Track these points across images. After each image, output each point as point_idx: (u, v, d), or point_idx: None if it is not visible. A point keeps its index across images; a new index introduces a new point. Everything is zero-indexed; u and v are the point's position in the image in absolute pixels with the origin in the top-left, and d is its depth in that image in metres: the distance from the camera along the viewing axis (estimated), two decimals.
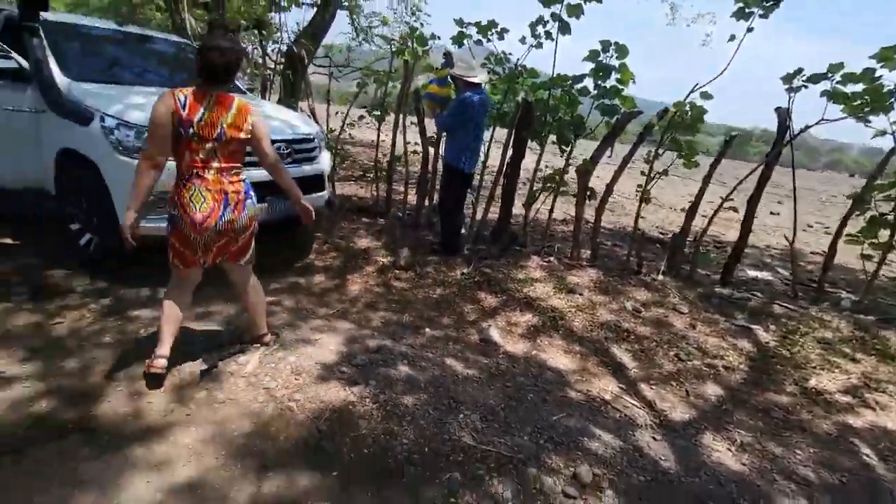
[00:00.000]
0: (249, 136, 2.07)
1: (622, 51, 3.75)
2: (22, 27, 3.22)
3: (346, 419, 2.08)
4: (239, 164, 2.15)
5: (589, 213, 4.58)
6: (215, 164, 2.03)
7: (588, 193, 4.18)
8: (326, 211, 4.98)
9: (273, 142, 3.34)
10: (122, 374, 2.23)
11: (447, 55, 4.19)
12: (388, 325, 3.14)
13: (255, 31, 9.57)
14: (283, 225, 4.18)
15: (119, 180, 2.86)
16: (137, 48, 4.19)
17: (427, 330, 3.12)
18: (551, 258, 4.31)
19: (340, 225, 4.94)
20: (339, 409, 2.14)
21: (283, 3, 5.93)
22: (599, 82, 3.91)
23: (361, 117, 5.13)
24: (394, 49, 4.97)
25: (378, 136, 5.27)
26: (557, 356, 2.94)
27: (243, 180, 2.17)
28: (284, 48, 6.00)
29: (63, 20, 3.93)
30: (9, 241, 3.66)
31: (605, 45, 3.79)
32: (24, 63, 3.20)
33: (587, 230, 4.60)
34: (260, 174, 3.24)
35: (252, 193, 2.21)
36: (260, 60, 6.90)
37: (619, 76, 3.83)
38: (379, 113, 4.98)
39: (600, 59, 3.85)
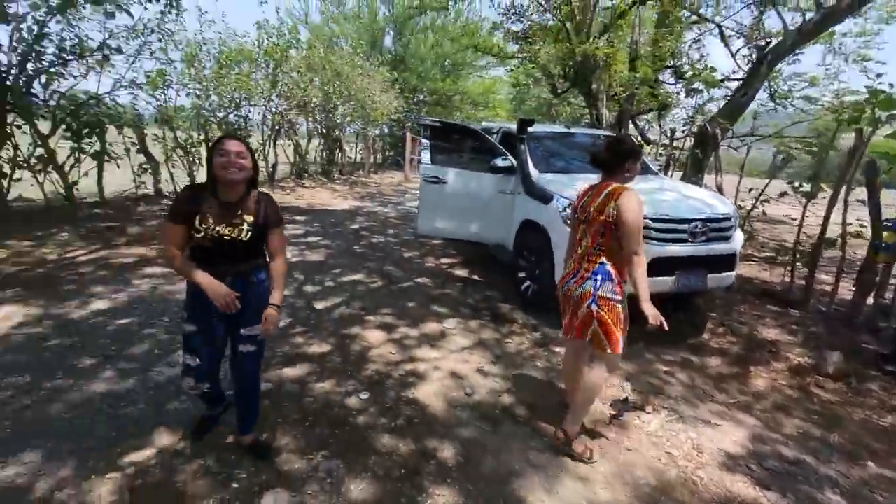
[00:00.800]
0: (611, 219, 2.12)
1: None
2: (517, 138, 4.77)
3: None
4: (602, 245, 2.20)
5: None
6: (584, 242, 2.27)
7: None
8: (723, 293, 4.73)
9: (690, 220, 3.57)
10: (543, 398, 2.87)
11: None
12: (807, 438, 2.66)
13: (659, 114, 10.23)
14: (680, 298, 4.27)
15: (560, 245, 3.75)
16: (581, 143, 5.34)
17: (870, 464, 2.45)
18: None
19: (738, 308, 4.55)
20: None
21: (698, 87, 6.18)
22: None
23: (784, 194, 4.62)
24: (841, 116, 4.26)
25: (803, 213, 4.59)
26: None
27: (601, 263, 2.20)
28: (695, 128, 6.19)
29: (532, 129, 5.53)
30: (476, 277, 5.36)
31: None
32: (513, 161, 4.71)
33: None
34: (674, 249, 3.52)
35: (601, 278, 2.18)
36: (666, 141, 7.35)
37: None
38: (809, 188, 4.35)
39: None
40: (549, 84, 11.77)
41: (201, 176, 8.43)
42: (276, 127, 11.27)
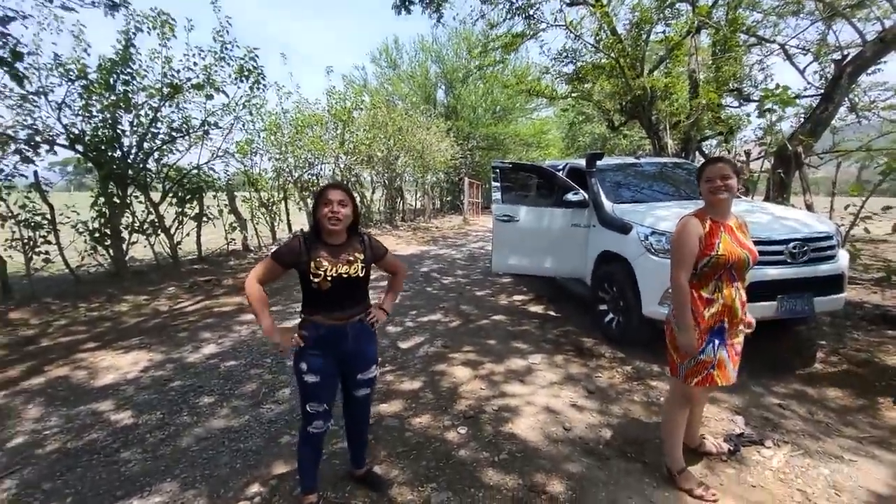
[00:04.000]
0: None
1: None
2: (585, 173, 4.82)
3: None
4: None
5: None
6: None
7: None
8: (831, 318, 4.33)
9: (787, 241, 3.39)
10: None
11: None
12: None
13: (726, 138, 9.89)
14: (783, 323, 3.98)
15: (647, 275, 3.67)
16: (649, 172, 5.29)
17: None
18: None
19: (851, 334, 4.15)
20: None
21: (772, 107, 5.95)
22: None
23: (888, 208, 4.25)
24: None
25: None
26: None
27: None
28: (772, 148, 5.93)
29: (600, 163, 5.55)
30: (552, 312, 5.29)
31: None
32: (585, 195, 4.73)
33: None
34: (772, 272, 3.33)
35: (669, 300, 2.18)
36: (741, 163, 7.07)
37: None
38: None
39: None
40: (604, 119, 11.81)
41: (282, 230, 9.15)
42: (345, 181, 12.08)
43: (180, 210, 7.48)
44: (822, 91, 6.32)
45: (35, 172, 5.86)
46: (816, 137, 5.69)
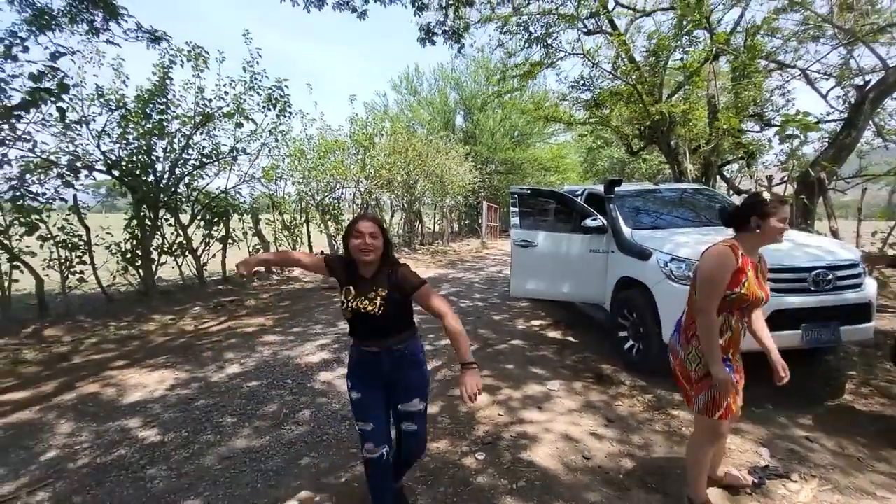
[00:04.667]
0: (694, 273, 2.14)
1: None
2: (604, 198, 4.85)
3: None
4: (692, 298, 2.13)
5: None
6: None
7: None
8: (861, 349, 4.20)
9: (810, 269, 3.35)
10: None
11: None
12: None
13: (748, 163, 9.81)
14: (810, 353, 3.89)
15: (667, 301, 3.64)
16: (668, 199, 5.29)
17: None
18: None
19: (882, 365, 4.01)
20: None
21: (793, 132, 5.92)
22: None
23: None
24: None
25: None
26: None
27: (683, 314, 2.23)
28: (794, 174, 5.87)
29: (619, 189, 5.57)
30: (570, 338, 5.25)
31: None
32: (603, 221, 4.75)
33: None
34: (795, 300, 3.28)
35: (675, 329, 2.23)
36: (763, 189, 6.99)
37: None
38: None
39: None
40: (623, 144, 11.86)
41: (303, 251, 9.26)
42: (364, 205, 12.32)
43: (207, 232, 7.74)
44: (846, 116, 6.27)
45: (74, 196, 6.18)
46: (840, 162, 5.62)
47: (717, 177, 9.35)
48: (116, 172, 6.52)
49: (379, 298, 1.88)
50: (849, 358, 4.19)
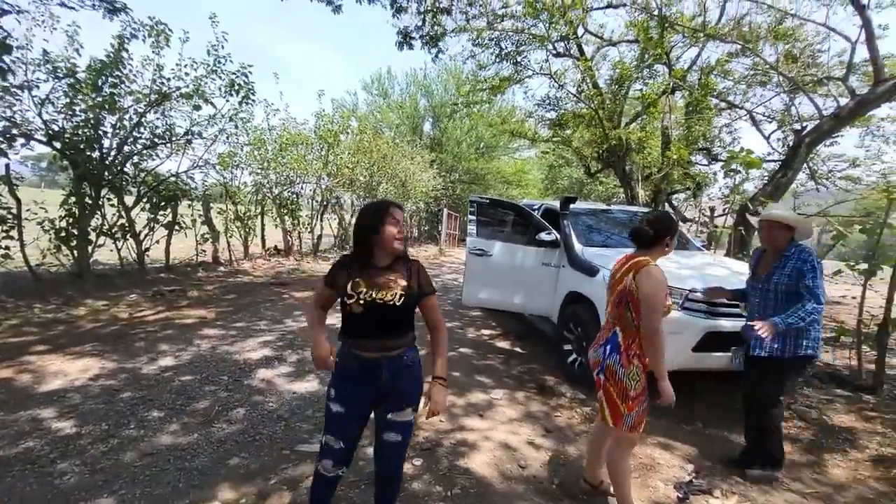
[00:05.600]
0: (626, 291, 2.12)
1: None
2: (559, 214, 4.99)
3: None
4: (616, 315, 2.19)
5: None
6: (607, 310, 2.31)
7: None
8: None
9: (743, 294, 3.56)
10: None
11: None
12: None
13: (694, 193, 10.39)
14: (736, 375, 4.13)
15: None
16: (619, 219, 5.52)
17: None
18: None
19: (803, 391, 4.32)
20: None
21: (737, 168, 6.35)
22: None
23: (838, 272, 4.53)
24: (893, 195, 4.28)
25: (863, 292, 4.46)
26: None
27: (614, 332, 2.20)
28: (736, 206, 6.28)
29: (574, 207, 5.76)
30: (518, 349, 5.33)
31: None
32: (557, 236, 4.88)
33: None
34: (727, 324, 3.48)
35: (610, 347, 2.19)
36: (705, 219, 7.44)
37: None
38: (868, 266, 4.27)
39: None
40: (582, 165, 12.29)
41: (256, 245, 9.00)
42: (324, 202, 12.08)
43: (153, 216, 7.34)
44: (784, 157, 6.78)
45: (6, 166, 5.70)
46: (776, 200, 6.06)
47: (666, 204, 9.85)
48: (58, 144, 6.08)
49: (399, 289, 1.74)
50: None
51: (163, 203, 7.41)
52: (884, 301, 4.21)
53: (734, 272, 3.97)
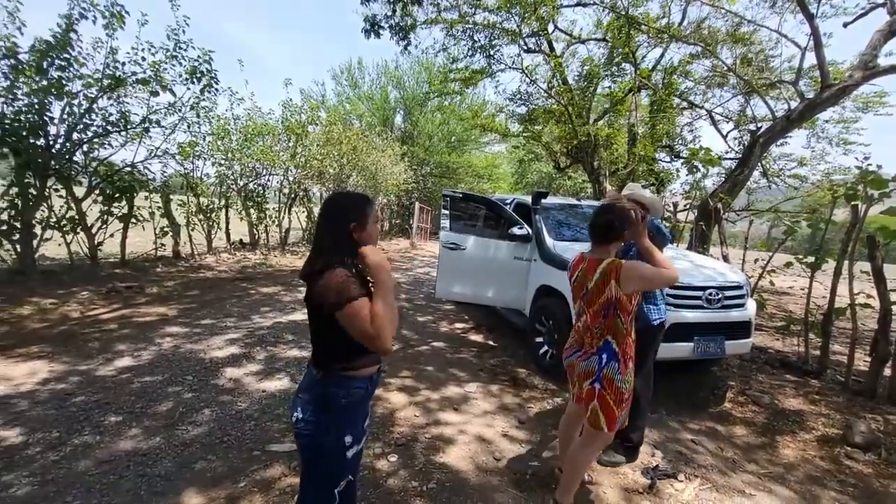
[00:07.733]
0: (614, 300, 2.06)
1: None
2: (531, 209, 5.04)
3: None
4: (605, 325, 2.12)
5: None
6: (584, 318, 2.20)
7: None
8: (740, 361, 4.75)
9: (705, 287, 3.71)
10: None
11: None
12: None
13: (658, 189, 10.73)
14: (697, 364, 4.30)
15: None
16: (587, 214, 5.60)
17: None
18: None
19: (757, 377, 4.55)
20: None
21: (697, 165, 6.60)
22: None
23: (789, 264, 4.79)
24: (837, 193, 4.56)
25: (811, 284, 4.73)
26: None
27: (607, 341, 2.13)
28: (697, 202, 6.52)
29: (545, 202, 5.83)
30: (491, 342, 5.38)
31: None
32: (529, 230, 4.93)
33: None
34: (691, 315, 3.61)
35: (606, 357, 2.12)
36: (669, 214, 7.69)
37: None
38: (815, 259, 4.53)
39: None
40: (552, 160, 12.47)
41: (219, 239, 8.66)
42: (292, 195, 11.77)
43: (106, 208, 6.94)
44: (741, 156, 7.09)
45: None
46: (734, 196, 6.34)
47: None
48: None
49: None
50: (730, 370, 4.70)
51: (117, 194, 7.01)
52: (828, 292, 4.49)
53: (696, 265, 4.13)
